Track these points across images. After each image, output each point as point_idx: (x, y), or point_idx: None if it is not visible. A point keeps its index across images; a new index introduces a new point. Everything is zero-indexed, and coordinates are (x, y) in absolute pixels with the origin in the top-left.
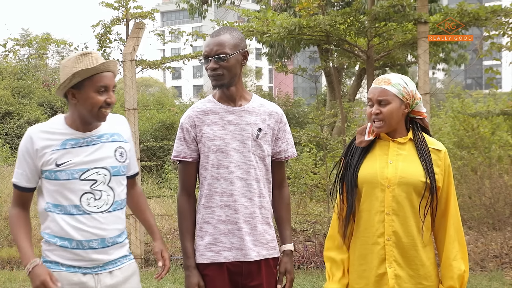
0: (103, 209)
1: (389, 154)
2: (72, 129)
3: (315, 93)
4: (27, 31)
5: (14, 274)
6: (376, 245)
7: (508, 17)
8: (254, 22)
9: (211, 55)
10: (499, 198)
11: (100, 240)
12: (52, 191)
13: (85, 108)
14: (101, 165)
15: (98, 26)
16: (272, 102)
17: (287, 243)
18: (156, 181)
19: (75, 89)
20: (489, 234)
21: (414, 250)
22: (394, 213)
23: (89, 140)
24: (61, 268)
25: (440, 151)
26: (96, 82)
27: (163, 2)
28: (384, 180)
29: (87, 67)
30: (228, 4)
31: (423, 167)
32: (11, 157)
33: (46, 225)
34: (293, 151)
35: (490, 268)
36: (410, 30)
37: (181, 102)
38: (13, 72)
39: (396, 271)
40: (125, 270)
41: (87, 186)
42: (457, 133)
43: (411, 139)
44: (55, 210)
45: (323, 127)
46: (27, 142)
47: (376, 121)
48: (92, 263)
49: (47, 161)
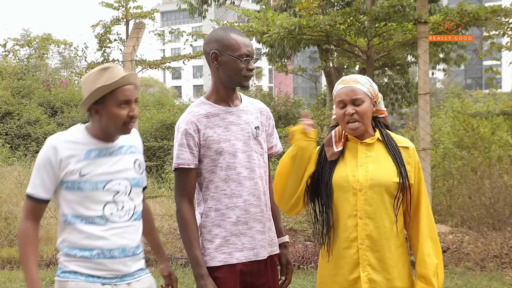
0: (125, 218)
1: (358, 157)
2: (94, 139)
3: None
4: (28, 31)
5: (14, 274)
6: (349, 250)
7: (508, 17)
8: (254, 22)
9: (252, 55)
10: (499, 198)
11: (121, 249)
12: (73, 202)
13: (109, 124)
14: (122, 176)
15: (98, 26)
16: (257, 99)
17: (283, 235)
18: (156, 181)
19: (97, 105)
20: (489, 234)
21: (389, 252)
22: (367, 216)
23: (111, 151)
24: (80, 278)
25: (409, 148)
26: (117, 97)
27: (163, 2)
28: (355, 184)
29: (106, 83)
30: (228, 4)
31: (396, 166)
32: (11, 157)
33: (63, 238)
34: (280, 146)
35: (490, 268)
36: (410, 30)
37: (181, 102)
38: (13, 72)
39: (370, 275)
40: (143, 282)
41: (110, 197)
42: (457, 133)
43: (379, 139)
44: (76, 220)
45: (323, 127)
46: (50, 151)
47: (351, 122)
48: (112, 273)
49: (71, 171)
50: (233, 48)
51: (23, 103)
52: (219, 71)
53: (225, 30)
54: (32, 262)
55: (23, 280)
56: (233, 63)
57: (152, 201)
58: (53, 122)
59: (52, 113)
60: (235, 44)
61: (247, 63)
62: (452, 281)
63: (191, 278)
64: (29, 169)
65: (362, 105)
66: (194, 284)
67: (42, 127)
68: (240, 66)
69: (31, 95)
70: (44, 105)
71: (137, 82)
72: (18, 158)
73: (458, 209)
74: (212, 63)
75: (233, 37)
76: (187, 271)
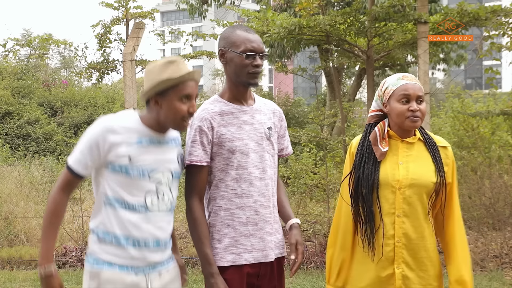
0: (163, 209)
1: (399, 155)
2: (147, 127)
3: (315, 93)
4: (28, 31)
5: (14, 274)
6: (386, 247)
7: (508, 17)
8: (254, 22)
9: (258, 51)
10: (499, 198)
11: (156, 241)
12: (117, 185)
13: (168, 116)
14: (167, 167)
15: (98, 26)
16: (270, 100)
17: (293, 217)
18: None
19: (159, 96)
20: (489, 234)
21: (424, 251)
22: (405, 215)
23: (160, 141)
24: (114, 268)
25: (447, 148)
26: (181, 91)
27: (163, 2)
28: (395, 182)
29: (173, 75)
30: (228, 4)
31: (435, 167)
32: (11, 157)
33: (99, 221)
34: (291, 148)
35: (490, 268)
36: (410, 30)
37: None
38: (13, 72)
39: (404, 272)
40: (171, 271)
41: (153, 185)
42: (457, 133)
43: (419, 139)
44: (116, 204)
45: (323, 127)
46: (102, 132)
47: (413, 117)
48: (144, 263)
49: (121, 154)
50: (236, 44)
51: (23, 103)
52: (227, 69)
53: (233, 28)
54: (51, 235)
55: (23, 280)
56: (237, 59)
57: None
58: (53, 122)
59: (52, 113)
60: (238, 40)
61: (252, 59)
62: None
63: (191, 278)
64: (29, 169)
65: (423, 103)
66: (194, 284)
67: (42, 127)
68: (244, 62)
69: (31, 95)
70: (44, 105)
71: (199, 79)
72: (18, 158)
73: None
74: (220, 60)
75: (237, 33)
76: (187, 271)
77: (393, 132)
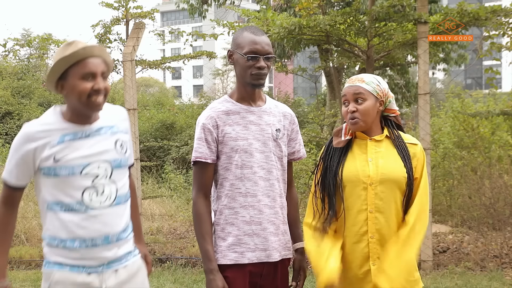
0: (106, 204)
1: (367, 152)
2: (69, 123)
3: (315, 93)
4: (28, 31)
5: (14, 274)
6: (359, 244)
7: (508, 17)
8: (254, 22)
9: (262, 53)
10: (499, 198)
11: (104, 237)
12: (52, 188)
13: (74, 98)
14: (102, 158)
15: (98, 26)
16: (282, 103)
17: (300, 241)
18: (156, 181)
19: (62, 80)
20: (489, 234)
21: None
22: (378, 210)
23: (87, 134)
24: (64, 269)
25: (417, 145)
26: (80, 69)
27: (163, 2)
28: (365, 178)
29: (66, 53)
30: (228, 4)
31: (402, 161)
32: None
33: (46, 227)
34: (304, 151)
35: (490, 268)
36: (410, 30)
37: (181, 102)
38: (13, 72)
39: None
40: (130, 267)
41: (88, 181)
42: (457, 133)
43: (387, 137)
44: (56, 207)
45: (323, 127)
46: (23, 139)
47: (352, 119)
48: (96, 262)
49: (46, 157)
50: (241, 46)
51: (23, 103)
52: (235, 70)
53: (242, 29)
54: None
55: (23, 280)
56: (241, 61)
57: (152, 201)
58: None
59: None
60: (243, 42)
61: (255, 61)
62: (452, 281)
63: (191, 278)
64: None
65: (364, 103)
66: (194, 284)
67: None
68: (247, 64)
69: (31, 95)
70: (44, 105)
71: (105, 55)
72: None
73: (458, 209)
74: (229, 61)
75: (244, 35)
76: (187, 271)
77: (359, 132)
